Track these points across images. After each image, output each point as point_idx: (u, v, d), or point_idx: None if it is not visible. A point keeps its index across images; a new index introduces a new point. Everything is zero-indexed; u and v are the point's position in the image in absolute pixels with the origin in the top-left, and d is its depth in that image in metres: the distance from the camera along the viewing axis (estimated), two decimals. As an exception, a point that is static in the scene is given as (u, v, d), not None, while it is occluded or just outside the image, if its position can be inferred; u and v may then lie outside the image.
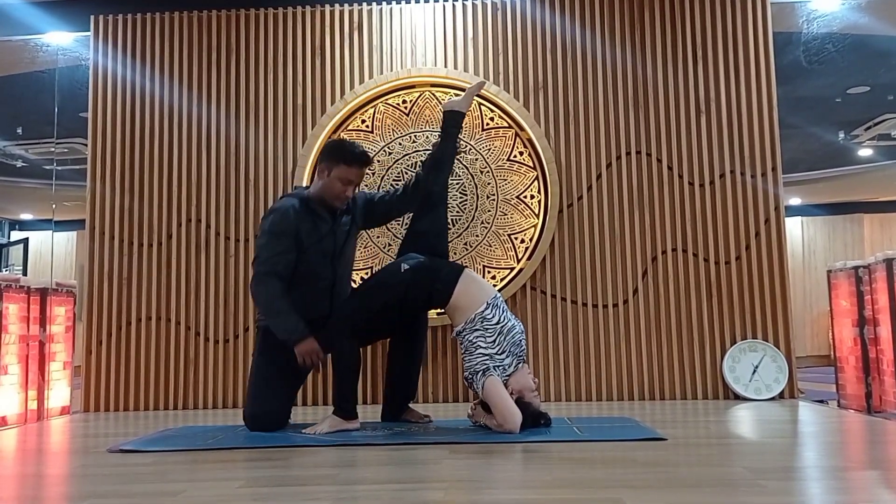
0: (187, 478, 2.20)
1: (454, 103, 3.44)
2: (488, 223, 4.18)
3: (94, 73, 4.39)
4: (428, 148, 4.18)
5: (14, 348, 3.69)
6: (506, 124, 4.23)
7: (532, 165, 4.20)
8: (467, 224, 4.18)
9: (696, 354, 4.08)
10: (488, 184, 4.20)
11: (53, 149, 6.33)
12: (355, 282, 4.06)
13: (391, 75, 4.27)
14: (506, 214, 4.18)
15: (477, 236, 4.18)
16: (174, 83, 4.36)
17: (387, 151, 4.24)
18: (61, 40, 4.69)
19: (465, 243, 4.17)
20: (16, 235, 9.91)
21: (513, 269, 4.15)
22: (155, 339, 4.20)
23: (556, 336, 4.13)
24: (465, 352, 2.95)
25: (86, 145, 4.41)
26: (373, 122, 4.27)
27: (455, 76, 4.25)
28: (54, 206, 7.79)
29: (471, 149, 4.18)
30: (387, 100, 4.28)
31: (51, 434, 3.42)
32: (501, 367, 2.88)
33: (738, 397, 4.00)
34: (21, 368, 3.72)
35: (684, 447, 2.58)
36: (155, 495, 1.95)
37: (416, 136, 4.24)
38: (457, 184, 4.16)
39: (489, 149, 4.22)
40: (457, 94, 4.20)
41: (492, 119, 4.22)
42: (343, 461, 2.43)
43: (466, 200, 4.18)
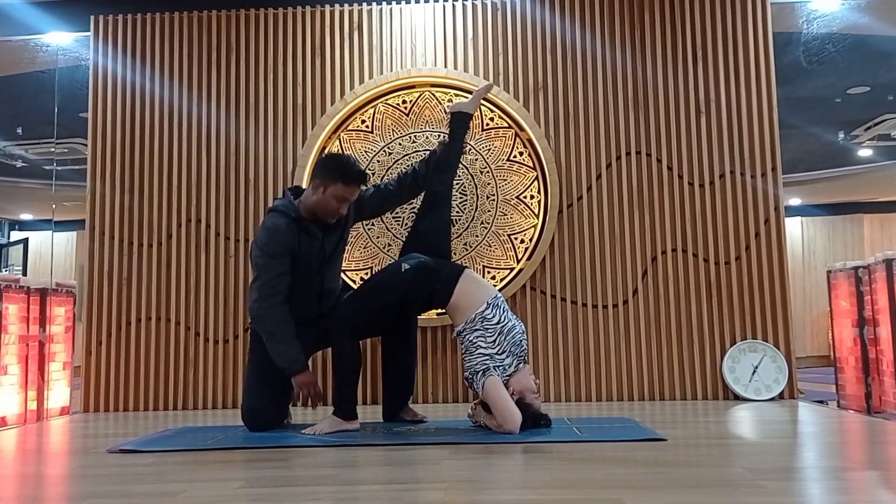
0: (187, 478, 2.20)
1: (461, 105, 3.49)
2: (488, 223, 4.18)
3: (94, 73, 4.39)
4: (428, 148, 4.18)
5: (14, 348, 3.69)
6: (506, 124, 4.23)
7: (532, 165, 4.20)
8: (467, 224, 4.18)
9: (696, 355, 4.08)
10: (488, 184, 4.20)
11: (53, 149, 6.33)
12: (355, 281, 4.07)
13: (391, 75, 4.27)
14: (506, 215, 4.18)
15: (477, 236, 4.18)
16: (174, 83, 4.36)
17: (387, 151, 4.24)
18: (61, 40, 4.69)
19: (465, 243, 4.17)
20: (16, 235, 9.91)
21: (512, 269, 4.15)
22: (155, 340, 4.20)
23: (555, 336, 4.13)
24: (466, 352, 2.95)
25: (86, 145, 4.41)
26: (373, 122, 4.27)
27: (455, 76, 4.25)
28: (54, 206, 7.78)
29: (471, 149, 4.17)
30: (387, 100, 4.28)
31: (51, 434, 3.42)
32: (502, 367, 2.88)
33: (737, 398, 4.00)
34: (21, 369, 3.72)
35: (684, 447, 2.58)
36: (155, 495, 1.95)
37: (416, 136, 4.24)
38: (457, 184, 4.14)
39: (489, 149, 4.22)
40: (457, 94, 4.22)
41: (492, 119, 4.22)
42: (343, 461, 2.43)
43: (466, 200, 4.18)
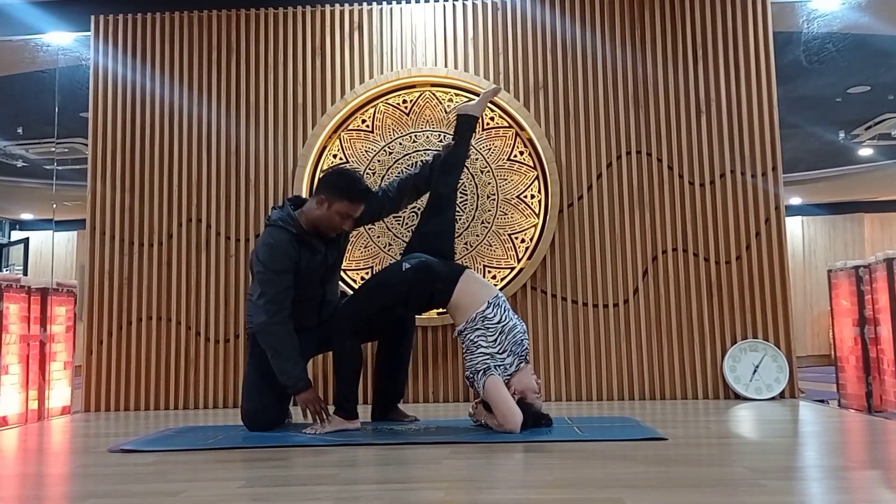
0: (187, 478, 2.20)
1: (468, 107, 3.49)
2: (488, 223, 4.18)
3: (94, 73, 4.39)
4: (428, 148, 4.18)
5: (15, 348, 3.69)
6: (506, 124, 4.23)
7: (532, 165, 4.20)
8: (467, 224, 4.18)
9: (697, 354, 4.08)
10: (488, 183, 4.20)
11: (54, 149, 6.33)
12: (355, 281, 4.08)
13: (391, 75, 4.27)
14: (506, 214, 4.18)
15: (477, 236, 4.18)
16: (174, 83, 4.36)
17: (387, 151, 4.24)
18: (61, 40, 4.69)
19: (466, 243, 4.17)
20: (16, 235, 9.91)
21: (513, 268, 4.15)
22: (155, 339, 4.20)
23: (556, 336, 4.13)
24: (467, 351, 2.95)
25: (86, 145, 4.42)
26: (373, 121, 4.27)
27: (455, 76, 4.25)
28: (55, 205, 7.79)
29: (471, 148, 4.17)
30: (387, 100, 4.28)
31: (51, 434, 3.42)
32: (503, 366, 2.88)
33: (738, 397, 4.00)
34: (22, 368, 3.72)
35: (685, 447, 2.58)
36: (155, 495, 1.96)
37: (416, 135, 4.24)
38: (457, 183, 4.16)
39: (489, 148, 4.22)
40: (457, 94, 4.22)
41: (492, 119, 4.22)
42: (343, 461, 2.43)
43: (466, 200, 4.18)
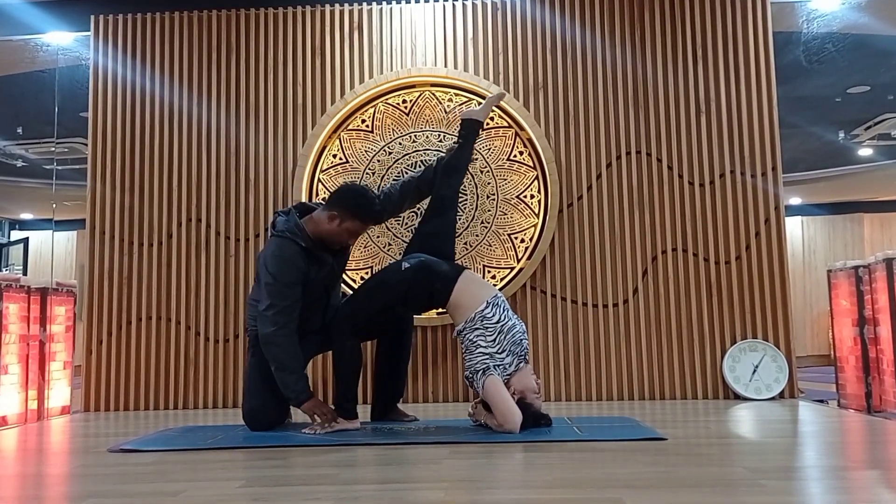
0: (187, 478, 2.20)
1: (473, 112, 3.54)
2: (488, 223, 4.18)
3: (94, 72, 4.39)
4: (428, 148, 4.18)
5: (14, 348, 3.69)
6: (506, 124, 4.23)
7: (532, 165, 4.20)
8: (467, 224, 4.18)
9: (697, 354, 4.08)
10: (488, 183, 4.20)
11: (54, 148, 6.32)
12: (355, 281, 4.08)
13: (391, 75, 4.27)
14: (506, 214, 4.18)
15: (477, 236, 4.18)
16: (174, 83, 4.36)
17: (387, 151, 4.24)
18: (61, 40, 4.69)
19: (465, 243, 4.17)
20: (16, 235, 9.91)
21: (513, 268, 4.15)
22: (155, 339, 4.20)
23: (556, 336, 4.13)
24: (466, 351, 2.95)
25: (86, 145, 4.42)
26: (373, 121, 4.26)
27: (455, 76, 4.25)
28: (54, 205, 7.78)
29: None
30: (387, 99, 4.28)
31: (51, 434, 3.42)
32: (502, 366, 2.88)
33: (738, 397, 4.00)
34: (21, 368, 3.72)
35: (684, 447, 2.58)
36: (155, 495, 1.96)
37: (416, 135, 4.24)
38: (457, 183, 4.16)
39: (489, 148, 4.22)
40: (457, 94, 4.23)
41: (492, 119, 4.22)
42: (343, 461, 2.43)
43: (466, 200, 4.18)
